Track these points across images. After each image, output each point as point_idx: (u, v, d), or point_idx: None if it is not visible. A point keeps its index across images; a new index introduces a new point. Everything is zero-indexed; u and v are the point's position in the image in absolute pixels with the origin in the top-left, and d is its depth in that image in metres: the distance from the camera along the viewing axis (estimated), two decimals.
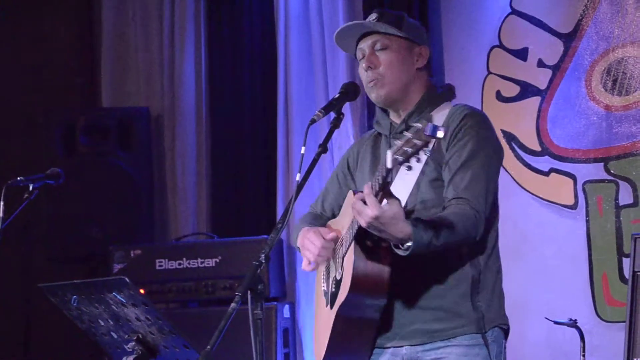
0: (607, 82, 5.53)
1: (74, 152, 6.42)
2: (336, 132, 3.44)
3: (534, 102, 5.71)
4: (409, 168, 2.92)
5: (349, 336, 3.44)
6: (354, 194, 3.40)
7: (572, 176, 5.59)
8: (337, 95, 3.47)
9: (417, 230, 3.16)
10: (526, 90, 5.74)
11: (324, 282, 3.62)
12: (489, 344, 3.40)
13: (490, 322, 3.43)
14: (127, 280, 3.59)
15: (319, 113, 3.37)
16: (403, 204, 3.32)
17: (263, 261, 3.08)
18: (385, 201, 3.12)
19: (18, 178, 4.43)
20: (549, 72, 5.68)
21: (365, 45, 3.57)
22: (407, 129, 3.45)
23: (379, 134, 3.67)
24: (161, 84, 6.81)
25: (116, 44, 6.94)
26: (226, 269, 5.92)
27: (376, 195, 3.10)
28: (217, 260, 5.96)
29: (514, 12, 5.78)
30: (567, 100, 5.62)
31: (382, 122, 3.64)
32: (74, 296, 3.73)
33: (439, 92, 3.59)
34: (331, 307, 3.48)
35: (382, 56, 3.53)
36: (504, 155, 3.59)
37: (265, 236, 5.88)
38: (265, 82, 6.58)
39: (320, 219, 3.76)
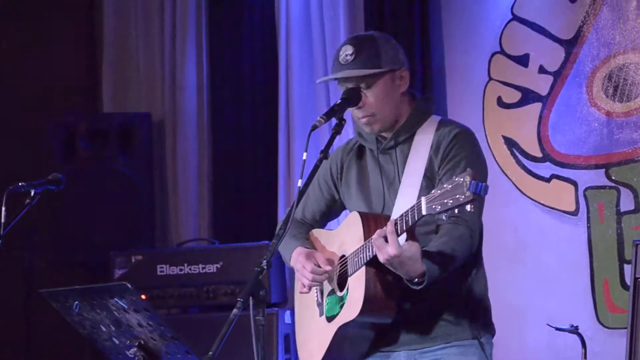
0: (609, 88, 5.53)
1: (75, 157, 6.42)
2: (337, 138, 3.45)
3: (535, 108, 5.71)
4: (449, 217, 3.01)
5: (346, 348, 3.52)
6: (359, 214, 3.44)
7: (573, 182, 5.59)
8: (339, 101, 3.48)
9: (430, 270, 3.25)
10: (527, 96, 5.74)
11: (317, 293, 3.65)
12: (485, 346, 3.50)
13: (484, 329, 3.53)
14: (129, 285, 3.59)
15: (320, 119, 3.38)
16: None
17: (265, 267, 3.10)
18: (405, 240, 3.20)
19: (19, 183, 4.42)
20: (550, 79, 5.68)
21: (348, 83, 3.52)
22: (396, 145, 3.50)
23: (363, 146, 3.67)
24: (162, 90, 6.81)
25: (117, 49, 6.94)
26: (227, 274, 5.92)
27: (400, 233, 3.19)
28: (219, 266, 5.96)
29: (515, 18, 5.78)
30: (568, 106, 5.63)
31: (367, 137, 3.64)
32: (76, 302, 3.73)
33: (423, 107, 3.61)
34: (328, 320, 3.51)
35: (369, 94, 3.50)
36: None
37: (267, 242, 5.88)
38: (267, 88, 6.58)
39: (302, 227, 3.78)
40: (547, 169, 5.66)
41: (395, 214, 3.42)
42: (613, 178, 5.50)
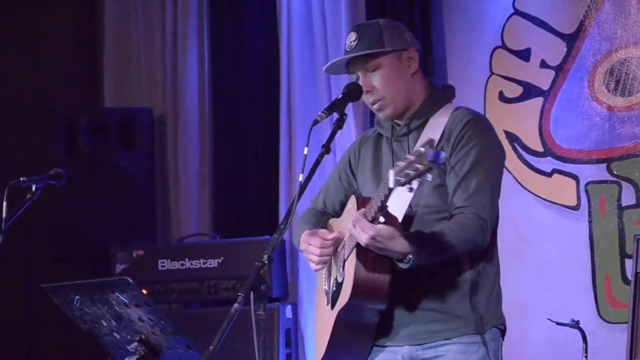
0: (610, 82, 5.52)
1: (76, 152, 6.43)
2: (339, 132, 3.44)
3: (537, 102, 5.71)
4: (410, 190, 2.99)
5: (348, 337, 3.49)
6: (355, 198, 3.44)
7: (575, 177, 5.59)
8: (340, 96, 3.48)
9: (416, 246, 3.23)
10: (529, 91, 5.73)
11: (325, 281, 3.65)
12: (488, 343, 3.45)
13: (489, 323, 3.48)
14: (130, 280, 3.59)
15: (321, 114, 3.38)
16: (400, 218, 3.38)
17: (266, 262, 3.09)
18: (382, 220, 3.19)
19: (21, 178, 4.42)
20: (552, 73, 5.67)
21: (355, 69, 3.54)
22: (409, 132, 3.50)
23: (381, 135, 3.67)
24: (164, 84, 6.81)
25: (118, 43, 6.94)
26: (229, 269, 5.92)
27: (378, 211, 3.17)
28: (220, 260, 5.96)
29: (517, 12, 5.78)
30: (569, 101, 5.62)
31: (384, 124, 3.64)
32: (77, 297, 3.73)
33: (439, 93, 3.59)
34: (332, 308, 3.51)
35: (376, 77, 3.51)
36: (505, 158, 3.63)
37: (268, 237, 5.90)
38: (268, 82, 6.58)
39: (322, 216, 3.79)
40: (549, 163, 5.66)
41: (394, 200, 3.38)
42: (614, 173, 5.50)
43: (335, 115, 3.44)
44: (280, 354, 5.84)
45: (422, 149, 2.94)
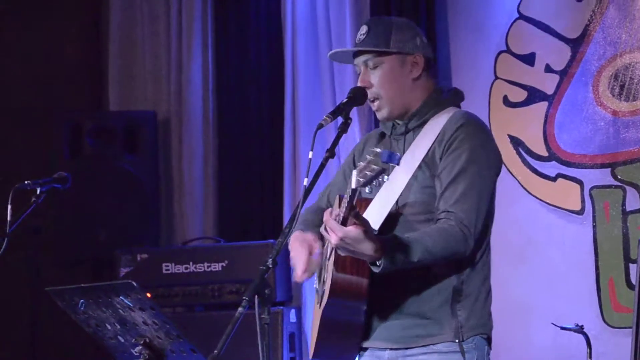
0: (615, 87, 5.52)
1: (81, 155, 6.43)
2: (343, 137, 3.43)
3: (541, 107, 5.71)
4: (370, 190, 2.96)
5: (335, 335, 3.48)
6: (338, 197, 3.43)
7: (579, 182, 5.59)
8: (345, 100, 3.47)
9: (388, 251, 3.19)
10: (533, 95, 5.74)
11: (316, 281, 3.67)
12: (465, 352, 3.38)
13: (470, 331, 3.42)
14: (134, 284, 3.59)
15: (326, 118, 3.37)
16: (383, 216, 3.35)
17: (270, 266, 3.09)
18: (352, 221, 3.15)
19: (25, 182, 4.43)
20: (556, 77, 5.68)
21: (359, 61, 3.54)
22: (407, 131, 3.50)
23: (384, 133, 3.66)
24: (168, 88, 6.82)
25: (123, 47, 6.96)
26: (233, 273, 5.93)
27: (347, 213, 3.13)
28: (224, 264, 5.96)
29: (522, 17, 5.78)
30: (574, 105, 5.62)
31: (387, 122, 3.62)
32: (81, 300, 3.73)
33: (444, 96, 3.56)
34: (320, 307, 3.52)
35: (375, 75, 3.49)
36: (501, 165, 3.54)
37: (272, 241, 5.90)
38: (273, 86, 6.58)
39: (322, 213, 3.76)
40: (553, 168, 5.66)
41: (380, 198, 3.42)
42: (619, 177, 5.50)
43: (340, 120, 3.44)
44: (285, 358, 5.84)
45: (378, 149, 2.93)
